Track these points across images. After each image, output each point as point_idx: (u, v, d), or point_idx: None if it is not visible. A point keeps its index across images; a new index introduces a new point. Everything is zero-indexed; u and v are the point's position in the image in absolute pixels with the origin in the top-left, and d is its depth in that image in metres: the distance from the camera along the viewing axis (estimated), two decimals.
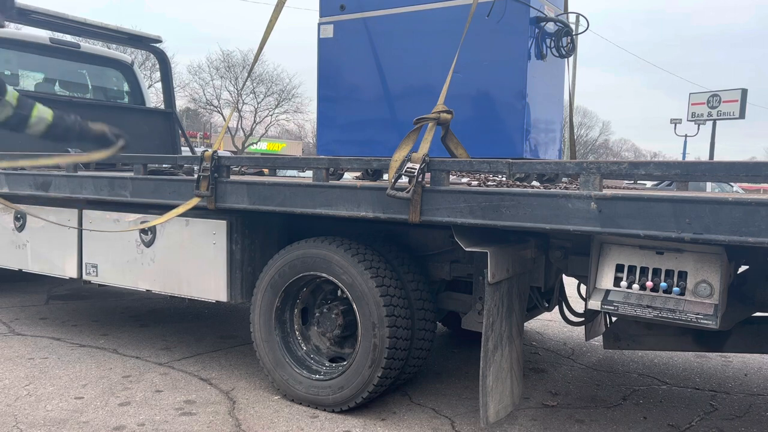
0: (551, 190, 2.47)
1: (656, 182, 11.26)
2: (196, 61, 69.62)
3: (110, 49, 7.70)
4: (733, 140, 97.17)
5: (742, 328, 3.01)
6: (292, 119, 42.97)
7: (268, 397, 3.38)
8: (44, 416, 3.05)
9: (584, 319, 3.68)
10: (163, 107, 6.87)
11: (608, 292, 2.49)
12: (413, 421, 3.12)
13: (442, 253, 3.29)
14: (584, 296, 2.70)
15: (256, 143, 41.06)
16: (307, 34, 5.19)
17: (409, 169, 2.62)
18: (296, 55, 31.65)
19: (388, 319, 2.96)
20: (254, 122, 40.77)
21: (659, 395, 3.60)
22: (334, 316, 3.23)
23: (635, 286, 2.43)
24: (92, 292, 5.86)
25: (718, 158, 19.33)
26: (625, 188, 3.87)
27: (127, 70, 6.52)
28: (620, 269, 2.49)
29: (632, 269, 2.47)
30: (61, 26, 5.51)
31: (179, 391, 3.44)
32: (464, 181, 3.54)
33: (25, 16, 5.04)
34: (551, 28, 3.37)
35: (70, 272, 4.14)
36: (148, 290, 3.84)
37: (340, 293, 3.25)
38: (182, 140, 6.69)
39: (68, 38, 6.12)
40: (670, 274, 2.40)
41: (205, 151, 3.33)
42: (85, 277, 4.07)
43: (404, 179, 2.65)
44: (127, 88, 6.52)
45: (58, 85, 6.07)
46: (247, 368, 3.82)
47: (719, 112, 28.41)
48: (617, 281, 2.48)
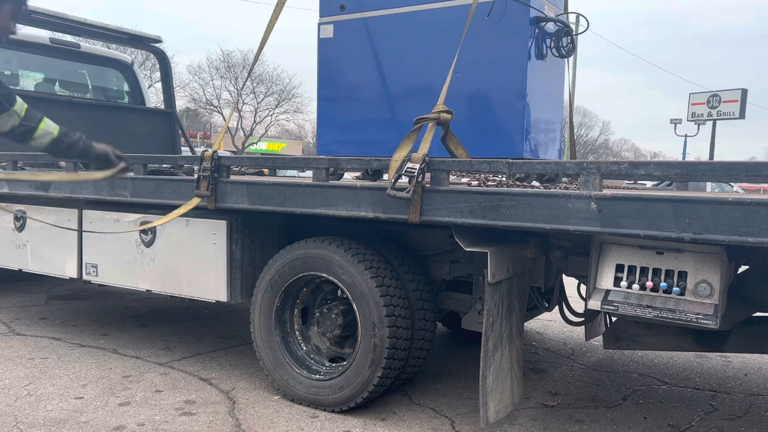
0: (551, 190, 2.47)
1: (656, 182, 11.26)
2: (196, 61, 69.77)
3: (110, 49, 7.70)
4: (733, 140, 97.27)
5: (742, 328, 3.01)
6: (292, 119, 43.05)
7: (268, 397, 3.38)
8: (44, 416, 3.05)
9: (584, 319, 3.68)
10: (163, 107, 6.87)
11: (608, 292, 2.49)
12: (413, 421, 3.12)
13: (442, 253, 3.29)
14: (584, 296, 2.70)
15: (256, 143, 41.06)
16: (307, 34, 5.20)
17: (409, 169, 2.62)
18: (296, 55, 31.71)
19: (388, 319, 2.96)
20: (254, 122, 40.81)
21: (659, 395, 3.60)
22: (334, 316, 3.23)
23: (635, 286, 2.43)
24: (92, 292, 5.86)
25: (718, 158, 19.36)
26: (625, 188, 3.87)
27: (127, 70, 6.52)
28: (620, 269, 2.49)
29: (632, 269, 2.47)
30: (61, 26, 5.51)
31: (179, 391, 3.44)
32: (464, 181, 3.54)
33: (25, 16, 5.03)
34: (551, 28, 3.37)
35: (70, 272, 4.14)
36: (148, 290, 3.84)
37: (340, 293, 3.25)
38: (182, 140, 6.69)
39: (68, 38, 6.12)
40: (670, 274, 2.40)
41: (205, 151, 3.33)
42: (85, 277, 4.08)
43: (404, 179, 2.65)
44: (127, 88, 6.52)
45: (58, 85, 6.07)
46: (247, 368, 3.82)
47: (719, 112, 28.41)
48: (617, 281, 2.48)
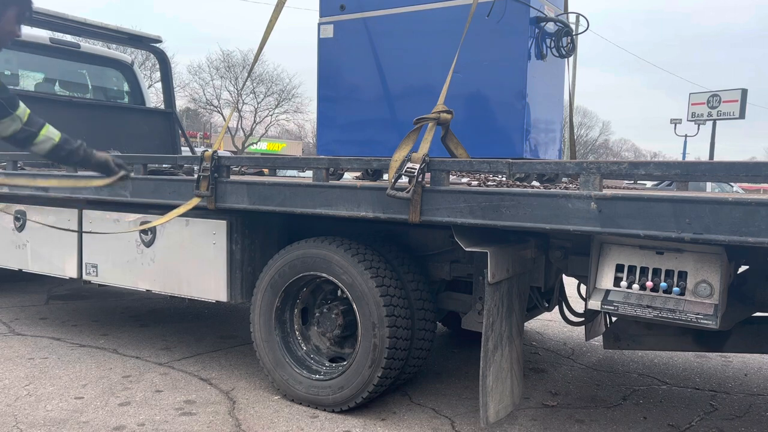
0: (551, 190, 2.47)
1: (656, 182, 11.26)
2: (196, 61, 69.70)
3: (110, 49, 7.70)
4: (733, 140, 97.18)
5: (742, 328, 3.01)
6: (292, 119, 43.04)
7: (268, 397, 3.38)
8: (44, 416, 3.05)
9: (584, 319, 3.68)
10: (163, 107, 6.87)
11: (608, 292, 2.49)
12: (413, 421, 3.12)
13: (442, 253, 3.29)
14: (584, 296, 2.70)
15: (256, 143, 41.06)
16: (307, 34, 5.20)
17: (409, 169, 2.62)
18: (296, 55, 31.71)
19: (388, 319, 2.96)
20: (254, 122, 40.80)
21: (659, 395, 3.60)
22: (334, 316, 3.23)
23: (635, 286, 2.43)
24: (92, 292, 5.86)
25: (718, 158, 19.36)
26: (625, 188, 3.87)
27: (127, 70, 6.52)
28: (620, 269, 2.49)
29: (632, 269, 2.47)
30: (61, 26, 5.50)
31: (179, 391, 3.44)
32: (464, 181, 3.54)
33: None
34: (551, 28, 3.37)
35: (70, 272, 4.14)
36: (148, 290, 3.84)
37: (340, 293, 3.25)
38: (182, 140, 6.69)
39: (68, 38, 6.12)
40: (670, 274, 2.40)
41: (205, 151, 3.33)
42: (85, 277, 4.08)
43: (404, 179, 2.65)
44: (127, 88, 6.52)
45: (58, 85, 6.07)
46: (247, 368, 3.82)
47: (719, 112, 28.39)
48: (617, 281, 2.48)
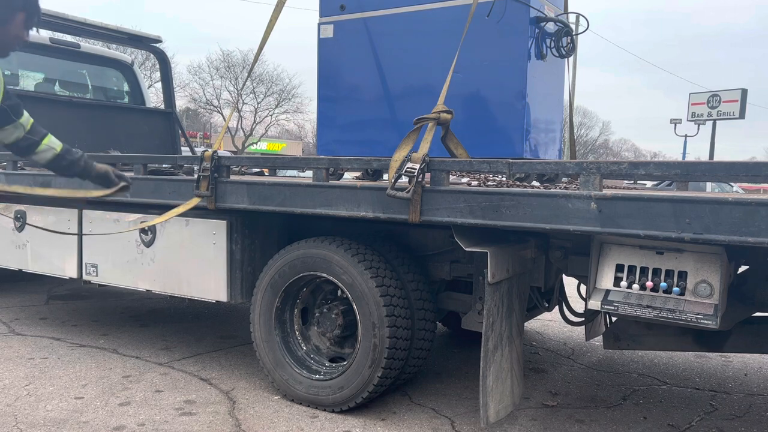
0: (551, 190, 2.47)
1: (656, 182, 11.26)
2: (196, 61, 69.70)
3: (110, 49, 7.69)
4: (733, 140, 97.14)
5: (742, 328, 3.01)
6: (292, 119, 43.05)
7: (268, 397, 3.38)
8: (44, 416, 3.05)
9: (584, 319, 3.68)
10: (163, 107, 6.87)
11: (608, 292, 2.49)
12: (413, 421, 3.12)
13: (442, 253, 3.29)
14: (584, 296, 2.70)
15: (256, 143, 41.06)
16: (307, 34, 5.20)
17: (409, 169, 2.62)
18: (296, 55, 31.72)
19: (388, 319, 2.96)
20: (254, 122, 40.81)
21: (659, 395, 3.60)
22: (334, 316, 3.23)
23: (635, 286, 2.43)
24: (92, 292, 5.86)
25: (718, 158, 19.37)
26: (625, 188, 3.87)
27: (127, 70, 6.51)
28: (620, 269, 2.49)
29: (632, 269, 2.47)
30: (61, 26, 5.50)
31: (179, 391, 3.44)
32: (464, 181, 3.54)
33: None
34: (551, 28, 3.37)
35: (70, 272, 4.14)
36: (148, 290, 3.84)
37: (340, 293, 3.25)
38: (182, 140, 6.69)
39: (68, 38, 6.12)
40: (670, 274, 2.40)
41: (205, 151, 3.33)
42: (85, 277, 4.08)
43: (404, 179, 2.65)
44: (127, 88, 6.51)
45: (58, 85, 6.06)
46: (247, 368, 3.82)
47: (719, 112, 28.39)
48: (617, 281, 2.48)
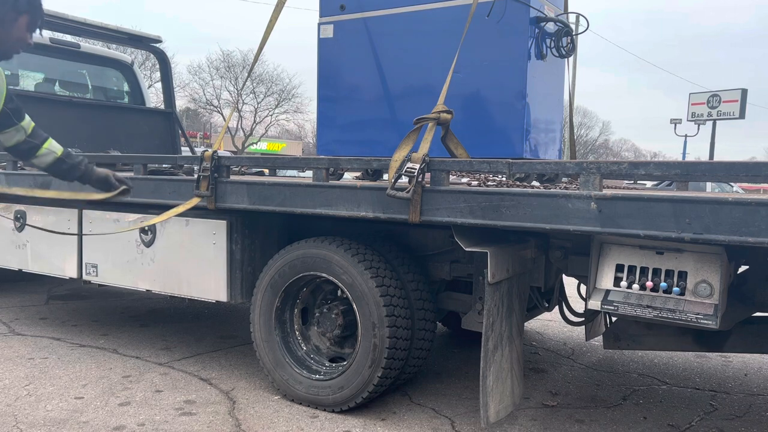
0: (551, 190, 2.47)
1: (656, 182, 11.26)
2: (196, 61, 69.69)
3: (110, 49, 7.69)
4: (733, 140, 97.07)
5: (742, 328, 3.01)
6: (292, 119, 43.05)
7: (268, 397, 3.38)
8: (44, 416, 3.05)
9: (584, 319, 3.68)
10: (163, 107, 6.87)
11: (608, 292, 2.49)
12: (413, 421, 3.12)
13: (442, 253, 3.29)
14: (584, 296, 2.70)
15: (256, 143, 41.06)
16: (307, 34, 5.20)
17: (409, 169, 2.62)
18: (296, 55, 31.71)
19: (388, 319, 2.96)
20: (254, 122, 40.81)
21: (659, 395, 3.60)
22: (334, 316, 3.23)
23: (635, 286, 2.43)
24: (92, 292, 5.86)
25: (718, 158, 19.35)
26: (625, 188, 3.87)
27: (127, 70, 6.51)
28: (620, 269, 2.49)
29: (632, 269, 2.47)
30: (61, 26, 5.50)
31: (179, 391, 3.44)
32: (464, 181, 3.54)
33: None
34: (551, 28, 3.37)
35: (70, 272, 4.14)
36: (148, 290, 3.84)
37: (340, 293, 3.25)
38: (182, 140, 6.69)
39: (68, 38, 6.11)
40: (670, 274, 2.40)
41: (205, 151, 3.33)
42: (85, 277, 4.07)
43: (404, 179, 2.65)
44: (127, 88, 6.51)
45: (58, 85, 6.06)
46: (247, 368, 3.82)
47: (719, 112, 28.39)
48: (617, 281, 2.48)
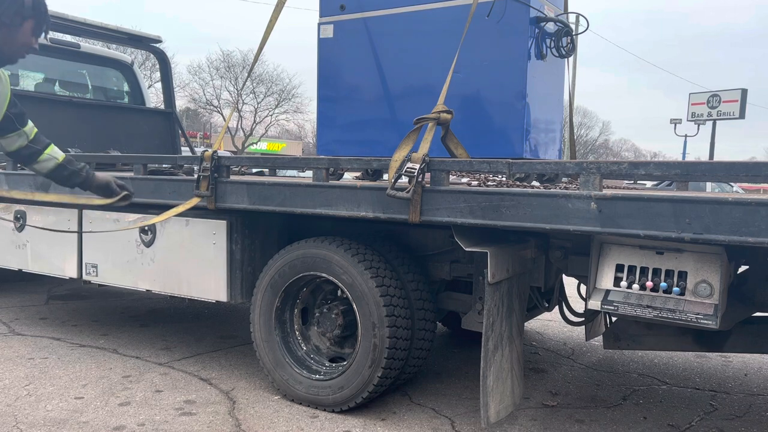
0: (551, 190, 2.47)
1: (656, 182, 11.26)
2: (196, 61, 69.58)
3: (110, 49, 7.69)
4: (733, 140, 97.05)
5: (742, 328, 3.01)
6: (292, 119, 43.07)
7: (268, 397, 3.38)
8: (44, 416, 3.05)
9: (584, 319, 3.68)
10: (163, 107, 6.87)
11: (608, 292, 2.49)
12: (413, 421, 3.12)
13: (442, 253, 3.29)
14: (584, 296, 2.70)
15: (256, 143, 41.06)
16: (307, 34, 5.20)
17: (409, 169, 2.62)
18: (296, 55, 31.72)
19: (388, 319, 2.96)
20: (254, 122, 40.81)
21: (659, 395, 3.60)
22: (334, 316, 3.23)
23: (635, 286, 2.43)
24: (92, 292, 5.86)
25: (718, 158, 19.37)
26: (625, 188, 3.87)
27: (127, 70, 6.51)
28: (620, 269, 2.49)
29: (632, 269, 2.47)
30: (61, 26, 5.50)
31: (179, 391, 3.44)
32: (464, 181, 3.54)
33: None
34: (551, 28, 3.37)
35: (70, 272, 4.14)
36: (148, 290, 3.84)
37: (340, 293, 3.25)
38: (182, 140, 6.69)
39: (68, 38, 6.12)
40: (670, 274, 2.40)
41: (205, 151, 3.33)
42: (85, 277, 4.07)
43: (404, 179, 2.65)
44: (127, 88, 6.51)
45: (58, 85, 6.06)
46: (247, 368, 3.82)
47: (719, 112, 28.40)
48: (617, 281, 2.48)
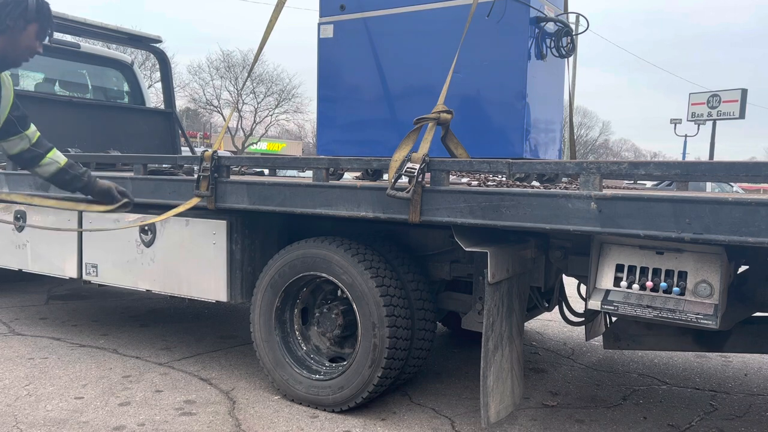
0: (551, 190, 2.47)
1: (656, 182, 11.25)
2: (196, 61, 69.60)
3: (110, 49, 7.69)
4: (733, 140, 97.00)
5: (742, 328, 3.01)
6: (292, 119, 43.06)
7: (268, 397, 3.38)
8: (44, 416, 3.05)
9: (584, 319, 3.68)
10: (163, 107, 6.87)
11: (608, 292, 2.49)
12: (413, 421, 3.12)
13: (442, 253, 3.29)
14: (584, 296, 2.70)
15: (256, 143, 41.06)
16: (307, 34, 5.20)
17: (409, 169, 2.62)
18: (296, 55, 31.70)
19: (388, 319, 2.96)
20: (254, 122, 40.80)
21: (659, 395, 3.60)
22: (334, 316, 3.23)
23: (635, 286, 2.43)
24: (92, 292, 5.86)
25: (718, 158, 19.37)
26: (625, 188, 3.87)
27: (127, 70, 6.51)
28: (620, 269, 2.49)
29: (632, 269, 2.47)
30: (61, 26, 5.49)
31: (179, 391, 3.44)
32: (464, 181, 3.54)
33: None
34: (551, 28, 3.37)
35: (70, 272, 4.14)
36: (148, 290, 3.84)
37: (340, 293, 3.25)
38: (182, 140, 6.69)
39: (68, 38, 6.12)
40: (670, 274, 2.40)
41: (205, 151, 3.33)
42: (85, 277, 4.07)
43: (404, 179, 2.65)
44: (127, 88, 6.51)
45: (58, 85, 6.06)
46: (247, 368, 3.82)
47: (719, 112, 28.39)
48: (617, 281, 2.48)
